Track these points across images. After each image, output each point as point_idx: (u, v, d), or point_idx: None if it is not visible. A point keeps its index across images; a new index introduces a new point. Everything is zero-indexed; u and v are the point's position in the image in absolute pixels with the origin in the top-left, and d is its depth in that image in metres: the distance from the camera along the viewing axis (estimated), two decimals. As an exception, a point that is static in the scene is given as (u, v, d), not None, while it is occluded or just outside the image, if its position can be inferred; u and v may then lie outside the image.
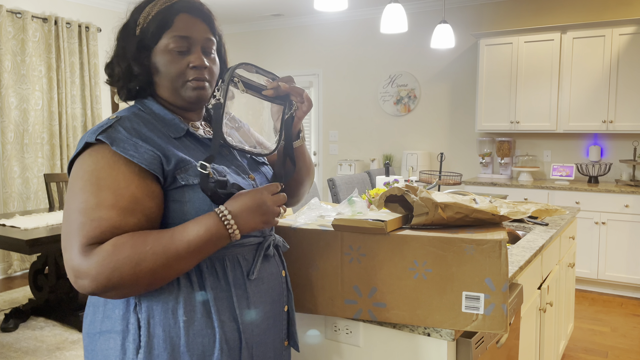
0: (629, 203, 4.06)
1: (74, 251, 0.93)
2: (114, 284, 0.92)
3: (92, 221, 0.94)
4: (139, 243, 0.94)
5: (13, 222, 3.32)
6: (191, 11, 1.09)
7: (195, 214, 1.02)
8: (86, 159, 0.99)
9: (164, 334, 1.00)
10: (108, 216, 0.94)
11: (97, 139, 0.99)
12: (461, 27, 5.23)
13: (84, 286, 0.93)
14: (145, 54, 1.08)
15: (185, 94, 1.09)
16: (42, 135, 4.91)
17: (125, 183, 0.97)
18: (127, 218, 0.96)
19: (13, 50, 4.65)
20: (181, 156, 1.03)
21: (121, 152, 0.98)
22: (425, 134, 5.55)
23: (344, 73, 5.98)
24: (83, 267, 0.92)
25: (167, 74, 1.08)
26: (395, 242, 1.24)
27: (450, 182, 3.30)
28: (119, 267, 0.92)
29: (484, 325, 1.18)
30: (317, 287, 1.33)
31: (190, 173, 1.03)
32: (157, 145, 1.02)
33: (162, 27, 1.07)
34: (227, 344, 1.04)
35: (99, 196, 0.95)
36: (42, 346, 3.18)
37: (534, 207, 1.59)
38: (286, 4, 5.52)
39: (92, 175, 0.97)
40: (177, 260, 0.95)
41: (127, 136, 1.00)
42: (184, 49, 1.07)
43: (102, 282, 0.92)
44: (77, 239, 0.93)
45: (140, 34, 1.08)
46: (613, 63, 4.28)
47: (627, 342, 3.31)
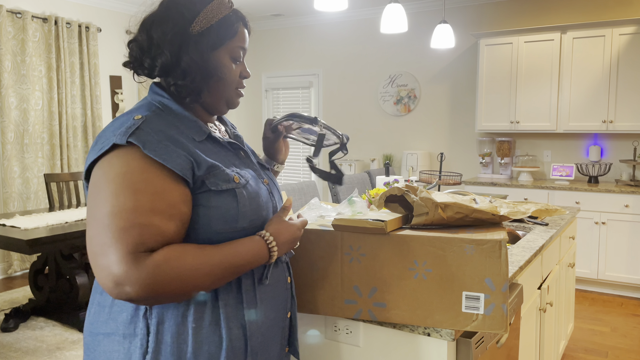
0: (629, 203, 4.06)
1: (114, 258, 0.89)
2: (158, 296, 0.91)
3: (134, 227, 0.90)
4: (190, 260, 0.93)
5: (13, 222, 3.32)
6: (246, 24, 1.15)
7: (220, 218, 1.01)
8: (114, 161, 0.95)
9: (172, 340, 0.98)
10: (149, 222, 0.92)
11: (128, 141, 0.95)
12: (461, 27, 5.23)
13: (125, 293, 0.89)
14: (210, 53, 1.07)
15: (232, 100, 1.14)
16: (42, 135, 4.91)
17: (161, 187, 0.94)
18: (167, 224, 0.94)
19: (13, 50, 4.65)
20: (211, 162, 1.02)
21: (154, 155, 0.94)
22: (425, 134, 5.55)
23: (344, 73, 5.98)
24: (130, 276, 0.88)
25: (225, 79, 1.10)
26: (395, 242, 1.24)
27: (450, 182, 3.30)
28: (168, 281, 0.90)
29: (484, 325, 1.18)
30: (317, 287, 1.33)
31: (219, 178, 1.02)
32: (187, 149, 0.99)
33: (229, 35, 1.09)
34: (233, 350, 1.03)
35: (137, 200, 0.92)
36: (42, 346, 3.18)
37: (534, 207, 1.59)
38: (286, 4, 5.52)
39: (125, 178, 0.93)
40: (223, 279, 0.98)
41: (158, 139, 0.97)
42: (240, 59, 1.13)
43: (149, 293, 0.89)
44: (119, 245, 0.89)
45: (205, 32, 1.06)
46: (613, 63, 4.28)
47: (627, 342, 3.31)
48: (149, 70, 1.07)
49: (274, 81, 6.46)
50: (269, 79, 6.51)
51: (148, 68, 1.07)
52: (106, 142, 0.97)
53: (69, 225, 3.29)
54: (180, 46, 1.05)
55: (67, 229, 3.18)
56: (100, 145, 0.98)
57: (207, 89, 1.10)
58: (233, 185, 1.03)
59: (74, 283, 3.44)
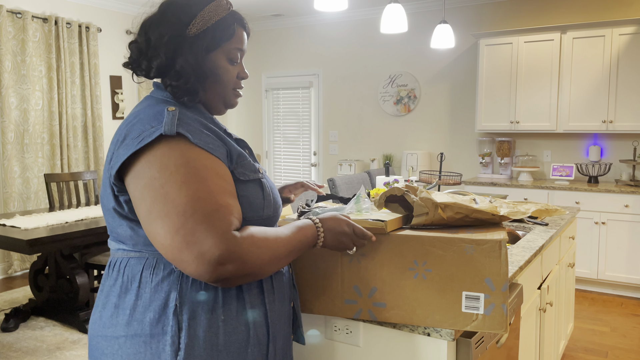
0: (628, 203, 4.06)
1: (213, 240, 0.90)
2: (253, 272, 0.96)
3: (220, 208, 0.94)
4: (273, 240, 1.00)
5: (13, 222, 3.32)
6: (245, 26, 1.17)
7: (248, 206, 1.05)
8: (167, 151, 0.95)
9: (204, 334, 1.00)
10: (227, 202, 0.96)
11: (178, 132, 0.97)
12: (461, 27, 5.23)
13: (226, 271, 0.92)
14: (205, 55, 1.09)
15: (230, 101, 1.17)
16: (43, 135, 4.91)
17: (223, 170, 1.00)
18: (236, 202, 1.00)
19: (13, 50, 4.66)
20: (239, 150, 1.08)
21: (202, 145, 0.98)
22: (425, 134, 5.55)
23: (344, 73, 5.99)
24: (234, 253, 0.91)
25: (222, 80, 1.13)
26: (395, 242, 1.24)
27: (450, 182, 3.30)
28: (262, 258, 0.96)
29: (484, 325, 1.18)
30: (317, 287, 1.33)
31: (247, 168, 1.07)
32: (221, 139, 1.05)
33: (227, 36, 1.11)
34: (257, 338, 1.06)
35: (209, 185, 0.95)
36: (42, 346, 3.18)
37: (534, 207, 1.59)
38: (286, 4, 5.53)
39: (189, 166, 0.95)
40: (290, 259, 1.05)
41: (199, 128, 1.01)
42: (237, 60, 1.15)
43: (248, 268, 0.94)
44: (214, 228, 0.91)
45: (201, 34, 1.08)
46: (613, 63, 4.28)
47: (627, 342, 3.31)
48: (145, 72, 1.10)
49: (274, 81, 6.46)
50: (269, 79, 6.51)
51: (145, 69, 1.09)
52: (147, 134, 0.96)
53: (69, 225, 3.29)
54: (175, 48, 1.07)
55: (67, 229, 3.18)
56: (138, 137, 0.97)
57: (204, 89, 1.12)
58: (259, 176, 1.09)
59: (74, 283, 3.44)
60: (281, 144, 6.54)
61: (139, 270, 1.02)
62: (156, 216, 0.92)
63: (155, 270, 1.01)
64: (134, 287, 1.02)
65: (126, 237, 1.04)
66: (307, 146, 6.33)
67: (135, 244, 1.03)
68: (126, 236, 1.04)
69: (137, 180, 0.96)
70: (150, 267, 1.02)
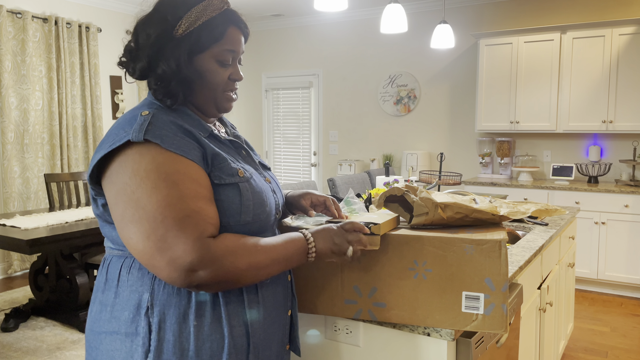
0: (628, 203, 4.06)
1: (184, 247, 0.90)
2: (227, 280, 0.95)
3: (191, 214, 0.92)
4: (252, 250, 0.98)
5: (13, 222, 3.32)
6: (239, 26, 1.11)
7: (223, 212, 1.02)
8: (137, 157, 0.95)
9: (174, 339, 0.99)
10: (199, 207, 0.94)
11: (145, 138, 0.95)
12: (461, 27, 5.23)
13: (197, 278, 0.91)
14: (189, 58, 1.06)
15: (221, 105, 1.12)
16: (42, 135, 4.91)
17: (195, 174, 0.97)
18: (211, 207, 0.98)
19: (13, 51, 4.66)
20: (217, 151, 1.04)
21: (174, 149, 0.96)
22: (425, 134, 5.55)
23: (344, 73, 5.99)
24: (204, 260, 0.91)
25: (210, 83, 1.08)
26: (395, 242, 1.24)
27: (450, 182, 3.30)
28: (237, 267, 0.95)
29: (483, 325, 1.18)
30: (317, 287, 1.33)
31: (224, 171, 1.03)
32: (198, 140, 1.02)
33: (215, 38, 1.06)
34: (235, 347, 1.03)
35: (181, 190, 0.93)
36: (43, 346, 3.18)
37: (533, 207, 1.59)
38: (286, 4, 5.52)
39: (160, 171, 0.93)
40: (272, 273, 1.03)
41: (172, 132, 0.99)
42: (229, 62, 1.10)
43: (221, 276, 0.93)
44: (185, 234, 0.91)
45: (186, 37, 1.05)
46: (613, 63, 4.28)
47: (627, 342, 3.31)
48: (131, 73, 1.10)
49: (274, 81, 6.46)
50: (269, 79, 6.51)
51: (131, 71, 1.09)
52: (117, 139, 0.96)
53: (69, 225, 3.29)
54: (159, 50, 1.05)
55: (67, 229, 3.18)
56: (111, 142, 0.97)
57: (191, 92, 1.09)
58: (237, 180, 1.04)
59: (74, 283, 3.44)
60: (281, 144, 6.54)
61: (119, 269, 1.04)
62: (128, 221, 0.93)
63: (131, 269, 1.02)
64: (113, 285, 1.03)
65: (110, 236, 1.06)
66: (307, 146, 6.33)
67: (117, 242, 1.05)
68: (109, 235, 1.06)
69: (111, 185, 0.97)
70: (128, 266, 1.03)
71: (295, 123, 6.39)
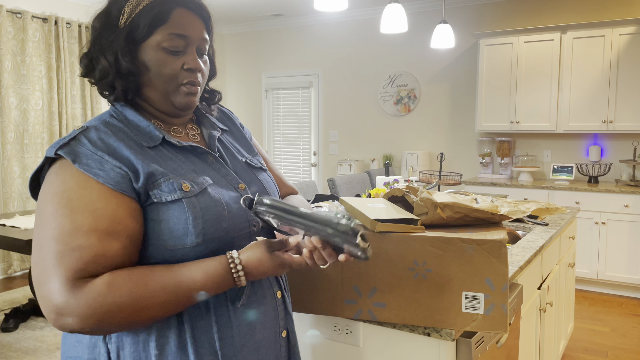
0: (629, 203, 4.06)
1: (54, 286, 0.81)
2: (103, 326, 0.83)
3: (73, 251, 0.82)
4: (139, 286, 0.84)
5: (13, 222, 3.32)
6: (190, 6, 0.97)
7: (169, 234, 0.90)
8: (53, 178, 0.87)
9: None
10: (88, 243, 0.83)
11: (56, 153, 0.88)
12: (461, 27, 5.23)
13: (67, 324, 0.82)
14: (132, 48, 0.95)
15: (176, 100, 0.98)
16: (42, 135, 4.91)
17: (102, 202, 0.85)
18: (110, 243, 0.85)
19: (13, 50, 4.65)
20: (150, 170, 0.90)
21: (85, 170, 0.86)
22: (425, 134, 5.55)
23: (344, 73, 5.98)
24: (70, 306, 0.81)
25: (158, 74, 0.95)
26: (395, 242, 1.24)
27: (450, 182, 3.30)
28: (113, 311, 0.82)
29: (484, 325, 1.18)
30: (317, 287, 1.33)
31: (163, 189, 0.90)
32: (124, 159, 0.89)
33: (157, 21, 0.94)
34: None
35: (75, 220, 0.84)
36: (42, 346, 3.18)
37: (534, 205, 1.59)
38: (286, 4, 5.52)
39: (63, 197, 0.85)
40: (179, 306, 0.88)
41: (92, 150, 0.88)
42: (180, 49, 0.96)
43: (91, 323, 0.82)
44: (57, 272, 0.82)
45: (127, 26, 0.94)
46: (613, 63, 4.28)
47: (627, 342, 3.31)
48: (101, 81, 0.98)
49: (274, 81, 6.46)
50: (269, 79, 6.51)
51: (100, 79, 0.98)
52: (46, 155, 0.91)
53: (69, 225, 3.28)
54: (100, 44, 0.96)
55: (67, 229, 3.18)
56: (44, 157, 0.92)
57: (140, 87, 0.97)
58: (180, 195, 0.91)
59: (74, 283, 3.43)
60: (281, 144, 6.54)
61: None
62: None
63: None
64: None
65: None
66: (307, 146, 6.33)
67: None
68: None
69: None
70: None
71: (295, 123, 6.39)
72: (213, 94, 1.16)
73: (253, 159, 1.15)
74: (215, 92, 1.16)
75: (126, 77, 0.96)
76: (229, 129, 1.18)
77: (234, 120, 1.22)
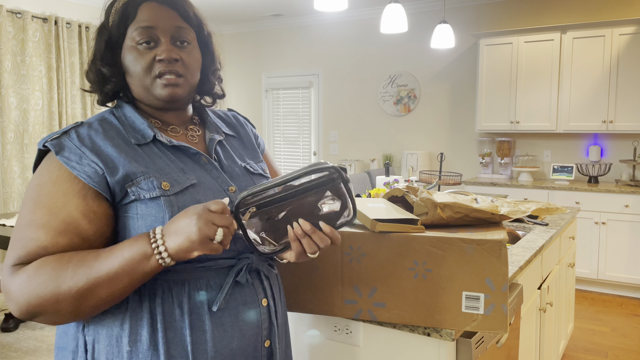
0: (629, 203, 4.06)
1: (5, 269, 0.88)
2: (35, 309, 0.84)
3: (21, 240, 0.88)
4: (61, 264, 0.85)
5: (13, 222, 3.32)
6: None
7: (147, 230, 0.91)
8: (37, 171, 0.93)
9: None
10: (36, 236, 0.88)
11: (44, 145, 0.93)
12: (461, 27, 5.23)
13: (12, 309, 0.87)
14: (115, 53, 0.99)
15: (155, 92, 0.98)
16: (42, 135, 4.91)
17: (62, 202, 0.89)
18: (57, 238, 0.88)
19: (13, 50, 4.65)
20: (131, 168, 0.92)
21: (64, 162, 0.90)
22: (425, 134, 5.55)
23: (344, 73, 5.98)
24: (9, 290, 0.86)
25: (134, 71, 0.97)
26: (395, 242, 1.24)
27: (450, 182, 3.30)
28: (38, 289, 0.84)
29: (484, 325, 1.18)
30: (317, 287, 1.33)
31: (143, 186, 0.92)
32: (104, 157, 0.92)
33: (125, 19, 0.97)
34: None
35: (34, 214, 0.89)
36: (42, 346, 3.18)
37: (534, 205, 1.59)
38: (286, 4, 5.52)
39: (34, 190, 0.91)
40: (100, 282, 0.84)
41: (77, 145, 0.92)
42: (149, 41, 0.97)
43: (24, 306, 0.85)
44: (9, 257, 0.89)
45: (108, 32, 0.99)
46: (613, 63, 4.28)
47: (627, 342, 3.31)
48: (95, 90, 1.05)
49: (274, 81, 6.46)
50: (269, 79, 6.51)
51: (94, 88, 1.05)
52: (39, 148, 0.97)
53: (68, 225, 3.28)
54: (93, 54, 1.02)
55: (67, 229, 3.18)
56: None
57: (131, 87, 1.01)
58: (158, 193, 0.92)
59: (74, 283, 3.44)
60: (281, 144, 6.54)
61: None
62: None
63: None
64: None
65: None
66: (307, 146, 6.33)
67: None
68: None
69: None
70: None
71: (295, 123, 6.39)
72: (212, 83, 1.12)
73: (255, 165, 1.14)
74: (215, 82, 1.13)
75: (110, 80, 1.00)
76: (238, 135, 1.18)
77: (247, 129, 1.21)
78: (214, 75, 1.12)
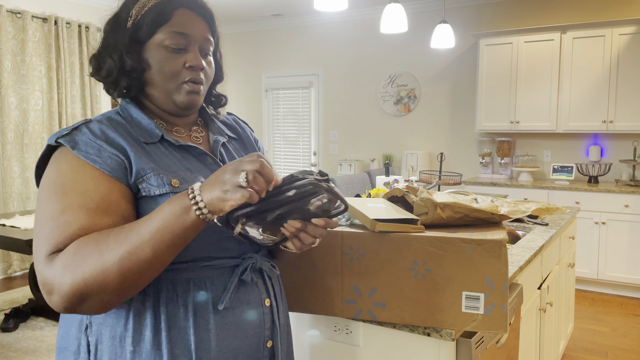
0: (629, 203, 4.06)
1: (40, 263, 0.83)
2: (80, 290, 0.81)
3: (59, 227, 0.84)
4: (102, 236, 0.83)
5: (13, 222, 3.32)
6: (192, 7, 1.01)
7: None
8: (50, 167, 0.91)
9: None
10: (74, 218, 0.85)
11: (57, 141, 0.92)
12: (461, 27, 5.23)
13: (55, 303, 0.82)
14: (137, 47, 0.99)
15: (177, 98, 1.00)
16: (42, 135, 4.91)
17: (94, 186, 0.88)
18: (99, 218, 0.86)
19: (13, 50, 4.65)
20: (142, 164, 0.93)
21: (83, 156, 0.89)
22: (425, 134, 5.55)
23: (344, 73, 5.98)
24: (48, 279, 0.82)
25: (160, 72, 0.98)
26: (395, 242, 1.24)
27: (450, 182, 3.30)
28: (82, 266, 0.81)
29: (484, 325, 1.18)
30: (317, 287, 1.33)
31: (152, 183, 0.92)
32: (122, 150, 0.93)
33: (160, 21, 0.98)
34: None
35: (65, 201, 0.86)
36: (42, 346, 3.18)
37: (534, 205, 1.59)
38: (286, 4, 5.52)
39: (57, 183, 0.88)
40: (143, 242, 0.82)
41: (92, 139, 0.92)
42: (181, 47, 0.99)
43: (69, 290, 0.81)
44: (43, 249, 0.84)
45: (133, 26, 0.99)
46: (613, 63, 4.28)
47: (627, 342, 3.31)
48: (107, 79, 1.03)
49: (274, 81, 6.46)
50: (269, 79, 6.51)
51: (105, 77, 1.02)
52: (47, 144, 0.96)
53: (68, 225, 3.28)
54: (107, 45, 1.01)
55: (67, 229, 3.18)
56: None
57: (144, 85, 1.01)
58: (168, 189, 0.93)
59: (74, 283, 3.44)
60: (281, 144, 6.54)
61: None
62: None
63: None
64: None
65: None
66: (307, 146, 6.33)
67: None
68: None
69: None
70: None
71: (295, 123, 6.39)
72: (219, 97, 1.18)
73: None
74: (222, 95, 1.18)
75: (129, 74, 0.99)
76: (239, 138, 1.20)
77: (247, 132, 1.23)
78: (215, 89, 1.17)
